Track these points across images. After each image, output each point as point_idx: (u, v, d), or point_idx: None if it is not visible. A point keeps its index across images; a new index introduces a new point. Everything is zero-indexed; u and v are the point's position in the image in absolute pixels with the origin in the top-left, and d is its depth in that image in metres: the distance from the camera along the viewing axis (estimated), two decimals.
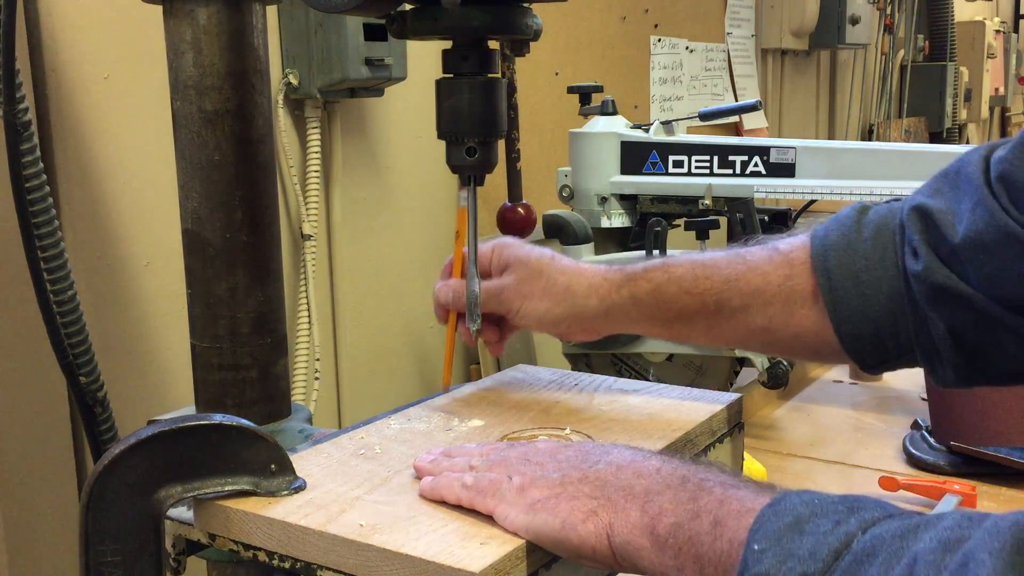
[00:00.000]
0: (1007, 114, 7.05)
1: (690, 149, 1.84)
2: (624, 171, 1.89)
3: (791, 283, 0.91)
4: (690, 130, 2.82)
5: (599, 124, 1.91)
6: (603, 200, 1.89)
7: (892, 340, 0.88)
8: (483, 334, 1.05)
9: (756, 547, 0.63)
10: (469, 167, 0.99)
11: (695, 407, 0.98)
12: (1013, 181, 0.79)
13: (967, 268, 0.81)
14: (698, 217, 1.78)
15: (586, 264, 1.02)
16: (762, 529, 0.63)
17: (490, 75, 0.97)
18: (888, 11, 4.66)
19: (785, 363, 1.67)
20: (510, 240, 1.05)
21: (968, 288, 0.81)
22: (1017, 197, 0.79)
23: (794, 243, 0.93)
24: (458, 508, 0.76)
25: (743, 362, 1.69)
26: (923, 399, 1.78)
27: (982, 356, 0.85)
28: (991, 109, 6.35)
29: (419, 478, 0.81)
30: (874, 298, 0.87)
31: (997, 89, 6.13)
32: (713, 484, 0.71)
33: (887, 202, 0.92)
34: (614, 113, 1.92)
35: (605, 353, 1.76)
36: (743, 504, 0.67)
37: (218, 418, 0.79)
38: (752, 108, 1.95)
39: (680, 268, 0.96)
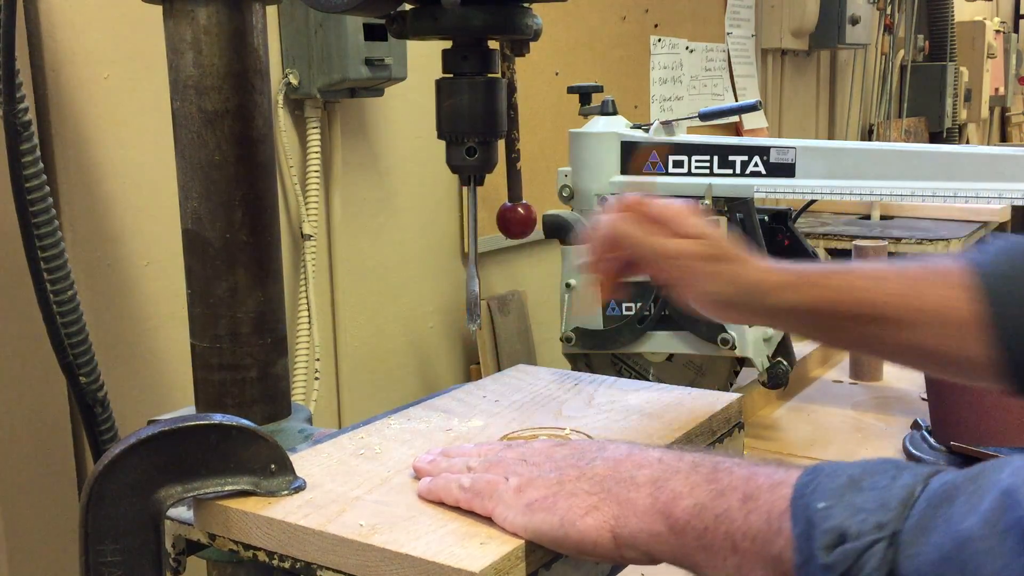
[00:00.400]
0: (1007, 114, 7.05)
1: (690, 149, 1.84)
2: (624, 171, 1.89)
3: (951, 304, 0.91)
4: (690, 130, 2.82)
5: (599, 124, 1.91)
6: (603, 200, 1.88)
7: None
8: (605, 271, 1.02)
9: (820, 505, 0.62)
10: (469, 167, 0.99)
11: (695, 407, 0.98)
12: None
13: None
14: None
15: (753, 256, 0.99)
16: (819, 488, 0.63)
17: (490, 75, 0.97)
18: (888, 11, 4.66)
19: (785, 363, 1.68)
20: (689, 210, 1.02)
21: None
22: None
23: (949, 265, 0.94)
24: (457, 508, 0.76)
25: (743, 362, 1.69)
26: (923, 399, 1.78)
27: None
28: (991, 109, 6.35)
29: (418, 478, 0.81)
30: None
31: (997, 89, 6.13)
32: (730, 464, 0.71)
33: None
34: (614, 113, 1.91)
35: (605, 353, 1.76)
36: (772, 478, 0.67)
37: (218, 418, 0.79)
38: (752, 108, 1.95)
39: (840, 274, 0.96)
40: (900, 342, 0.94)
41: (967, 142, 5.77)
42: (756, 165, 1.81)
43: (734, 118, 3.26)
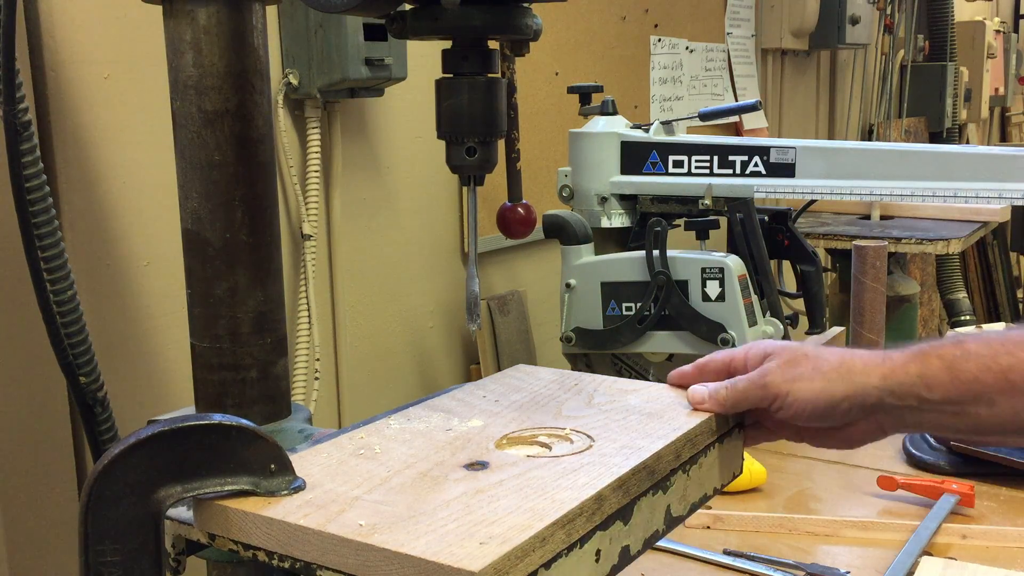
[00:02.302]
0: (1007, 114, 7.04)
1: (690, 149, 1.84)
2: (624, 171, 1.89)
3: None
4: (690, 130, 2.82)
5: (599, 124, 1.91)
6: (603, 200, 1.89)
7: None
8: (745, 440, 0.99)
9: None
10: (469, 167, 0.99)
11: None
12: None
13: None
14: (698, 217, 1.78)
15: (859, 350, 0.93)
16: None
17: (490, 75, 0.97)
18: (888, 11, 4.66)
19: None
20: (765, 341, 0.98)
21: None
22: None
23: None
24: (457, 508, 0.76)
25: None
26: None
27: None
28: (991, 109, 6.35)
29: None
30: None
31: (997, 89, 6.12)
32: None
33: None
34: (614, 113, 1.92)
35: (605, 353, 1.76)
36: None
37: (218, 418, 0.79)
38: (752, 108, 1.95)
39: (976, 343, 0.86)
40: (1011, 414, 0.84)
41: (967, 142, 5.77)
42: (756, 165, 1.81)
43: (734, 118, 3.26)
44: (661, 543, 1.25)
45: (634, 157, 1.87)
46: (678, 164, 1.85)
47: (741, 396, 0.93)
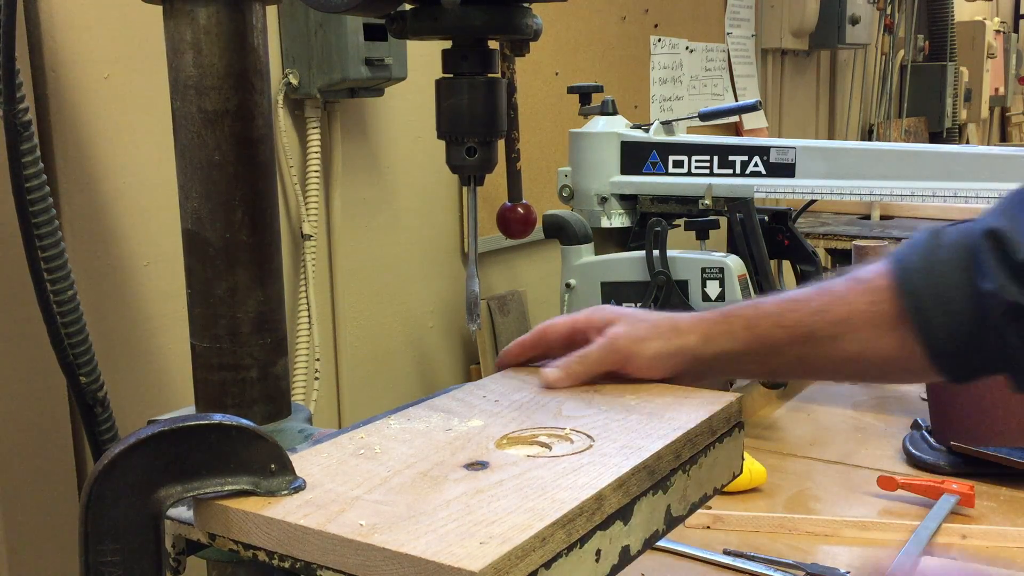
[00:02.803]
0: (1007, 114, 7.05)
1: (690, 149, 1.84)
2: (624, 171, 1.89)
3: (876, 308, 0.96)
4: (690, 130, 2.82)
5: (599, 124, 1.91)
6: (603, 200, 1.89)
7: (977, 355, 0.94)
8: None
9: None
10: (469, 167, 0.99)
11: (695, 407, 0.98)
12: None
13: None
14: (698, 217, 1.78)
15: (677, 313, 1.05)
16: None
17: (490, 75, 0.97)
18: (888, 11, 4.66)
19: None
20: (602, 305, 1.07)
21: None
22: None
23: (874, 269, 0.98)
24: (457, 508, 0.76)
25: None
26: (923, 399, 1.78)
27: None
28: (991, 109, 6.35)
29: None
30: (958, 316, 0.93)
31: (997, 89, 6.13)
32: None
33: (958, 223, 0.98)
34: (614, 113, 1.92)
35: None
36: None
37: (218, 418, 0.79)
38: (752, 108, 1.95)
39: (768, 304, 1.01)
40: (837, 355, 0.98)
41: (967, 142, 5.77)
42: (756, 165, 1.81)
43: (734, 118, 3.26)
44: (661, 543, 1.24)
45: (634, 157, 1.87)
46: (678, 164, 1.85)
47: (596, 366, 1.01)
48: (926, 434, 1.59)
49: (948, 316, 0.93)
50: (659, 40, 3.00)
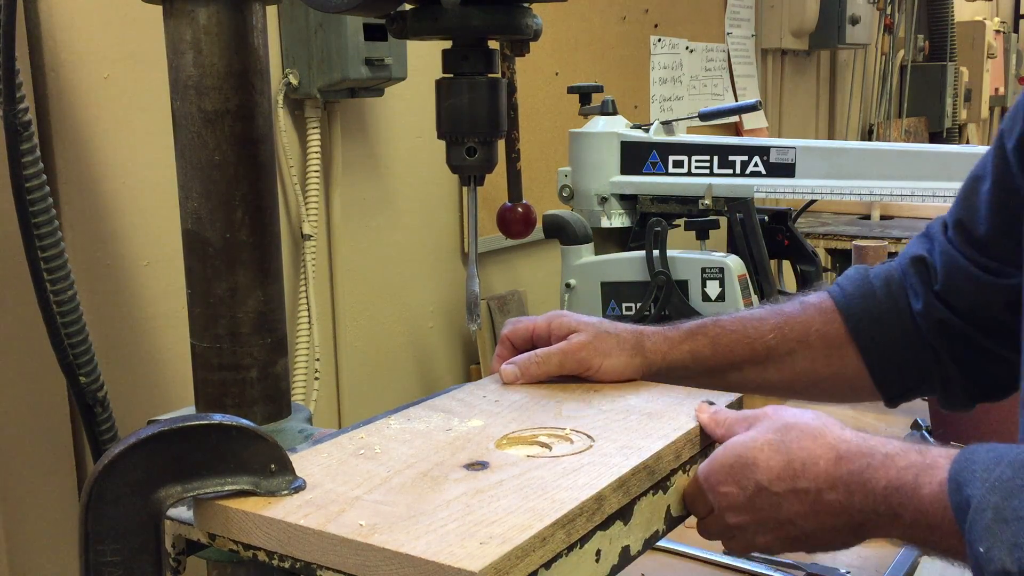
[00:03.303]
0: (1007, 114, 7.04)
1: (690, 149, 1.84)
2: (624, 171, 1.89)
3: (827, 328, 1.04)
4: (690, 130, 2.82)
5: (599, 124, 1.91)
6: (603, 200, 1.89)
7: (914, 372, 1.04)
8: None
9: (981, 548, 0.70)
10: (469, 167, 0.99)
11: (695, 407, 0.98)
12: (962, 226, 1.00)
13: (952, 302, 1.00)
14: (698, 217, 1.78)
15: (641, 326, 1.07)
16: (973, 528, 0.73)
17: (490, 75, 0.97)
18: (888, 11, 4.66)
19: None
20: (563, 311, 1.09)
21: (958, 320, 1.00)
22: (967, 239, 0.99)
23: (820, 296, 1.07)
24: (457, 508, 0.76)
25: None
26: (923, 399, 1.77)
27: (983, 377, 1.03)
28: (991, 109, 6.35)
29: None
30: (894, 337, 1.03)
31: (997, 89, 6.13)
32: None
33: (883, 264, 1.09)
34: (614, 113, 1.92)
35: None
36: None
37: (218, 418, 0.79)
38: (752, 108, 1.95)
39: (731, 323, 1.06)
40: (791, 371, 1.06)
41: (967, 142, 5.77)
42: (756, 165, 1.81)
43: (734, 118, 3.26)
44: (661, 543, 1.24)
45: (634, 157, 1.87)
46: (678, 164, 1.85)
47: (555, 369, 1.03)
48: (926, 434, 1.59)
49: (886, 337, 1.03)
50: (659, 40, 3.00)
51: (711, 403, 0.96)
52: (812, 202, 1.89)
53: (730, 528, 0.88)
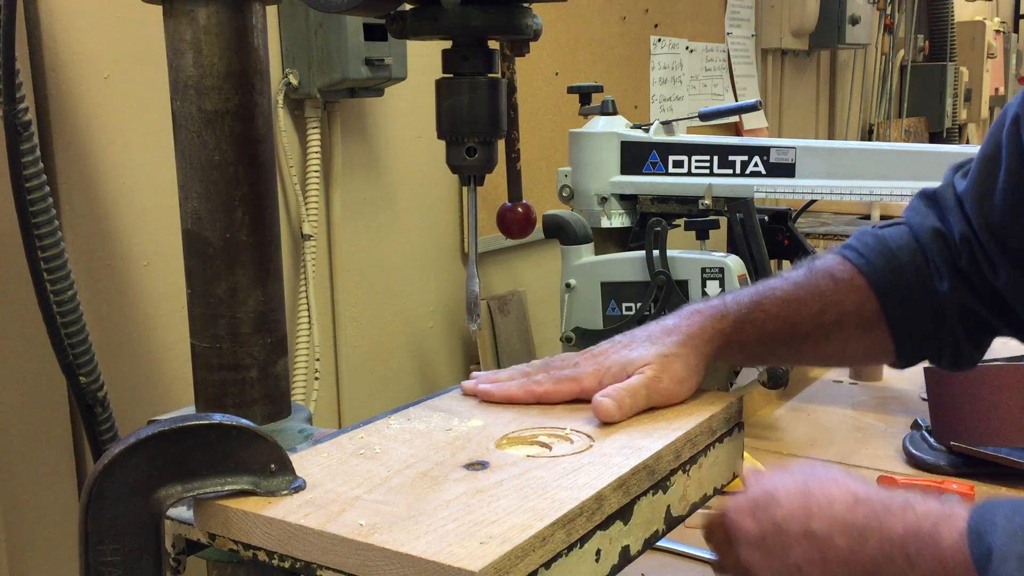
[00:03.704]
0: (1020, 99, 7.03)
1: (690, 149, 1.84)
2: (624, 171, 1.89)
3: (861, 308, 1.05)
4: (690, 130, 2.82)
5: (599, 124, 1.91)
6: (603, 200, 1.89)
7: (933, 345, 1.07)
8: None
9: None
10: (469, 167, 0.99)
11: (695, 407, 0.98)
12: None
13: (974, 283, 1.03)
14: (698, 217, 1.78)
15: (688, 325, 1.02)
16: None
17: (490, 75, 0.97)
18: (888, 11, 4.66)
19: None
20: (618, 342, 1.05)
21: (978, 301, 1.02)
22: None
23: (842, 268, 1.06)
24: (457, 508, 0.76)
25: None
26: (923, 399, 1.78)
27: (986, 348, 1.08)
28: (991, 109, 6.35)
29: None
30: (923, 317, 1.05)
31: (997, 89, 6.13)
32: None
33: (888, 226, 1.09)
34: (614, 113, 1.92)
35: None
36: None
37: (218, 418, 0.79)
38: (752, 108, 1.95)
39: (771, 306, 1.05)
40: (825, 351, 1.08)
41: (967, 142, 5.77)
42: (756, 165, 1.81)
43: (734, 118, 3.26)
44: (661, 543, 1.24)
45: (634, 157, 1.87)
46: (678, 164, 1.85)
47: (643, 403, 0.97)
48: (926, 434, 1.59)
49: (916, 316, 1.04)
50: (659, 40, 3.00)
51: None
52: (812, 202, 1.89)
53: (742, 566, 0.89)
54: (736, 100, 3.45)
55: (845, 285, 1.05)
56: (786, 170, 1.79)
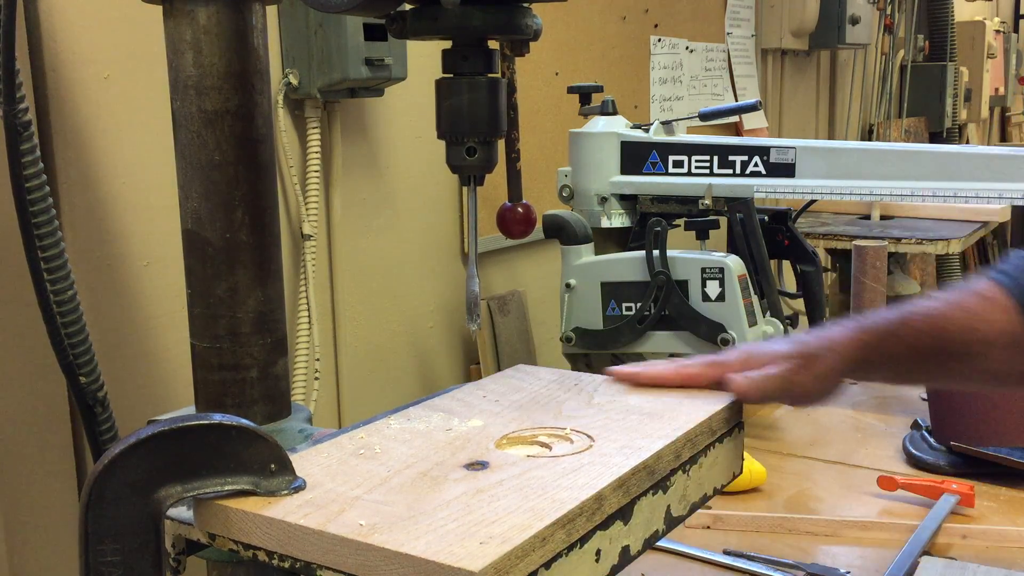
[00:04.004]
0: (1007, 114, 7.05)
1: (690, 149, 1.84)
2: (624, 171, 1.89)
3: (1010, 328, 1.03)
4: (690, 130, 2.82)
5: (599, 124, 1.91)
6: (603, 200, 1.89)
7: None
8: None
9: None
10: (469, 167, 0.99)
11: (695, 407, 0.98)
12: None
13: None
14: (698, 217, 1.78)
15: (837, 331, 1.05)
16: None
17: (490, 75, 0.97)
18: (888, 11, 4.66)
19: None
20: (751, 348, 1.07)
21: None
22: None
23: (990, 288, 1.06)
24: (457, 508, 0.76)
25: None
26: (923, 399, 1.78)
27: None
28: (991, 109, 6.35)
29: None
30: None
31: (997, 89, 6.13)
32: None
33: None
34: (614, 113, 1.92)
35: (605, 353, 1.76)
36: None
37: (218, 418, 0.79)
38: (752, 108, 1.95)
39: (919, 321, 1.04)
40: (973, 371, 1.06)
41: (967, 142, 5.77)
42: (756, 165, 1.81)
43: (734, 118, 3.26)
44: (661, 543, 1.24)
45: (634, 157, 1.87)
46: (678, 164, 1.85)
47: (778, 392, 1.01)
48: (926, 434, 1.59)
49: None
50: (659, 40, 3.00)
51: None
52: (812, 202, 1.89)
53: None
54: (736, 100, 3.45)
55: (992, 304, 1.04)
56: (786, 170, 1.79)
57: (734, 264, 1.65)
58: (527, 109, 2.32)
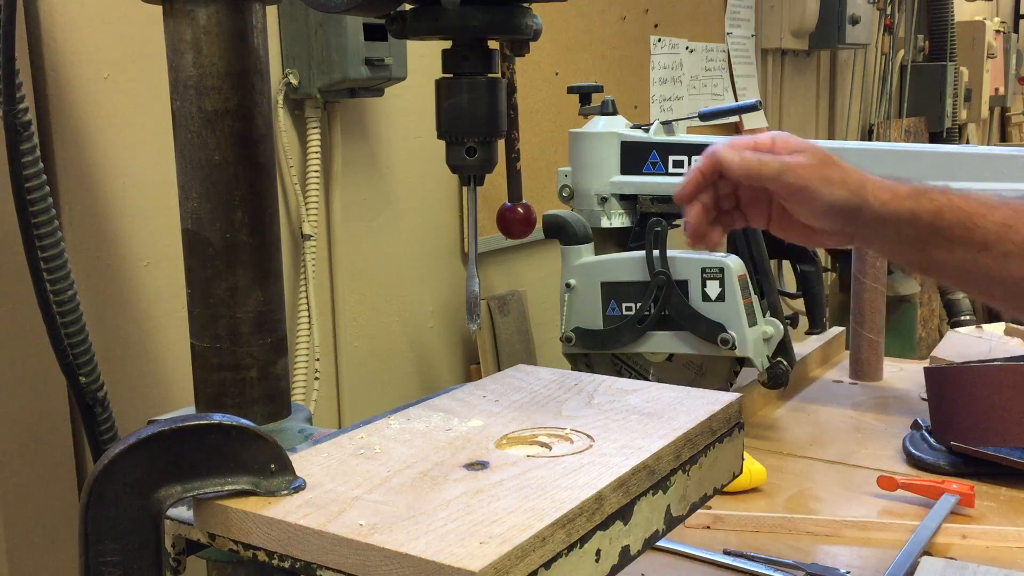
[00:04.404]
0: (1007, 114, 7.04)
1: (690, 149, 1.84)
2: (624, 171, 1.89)
3: None
4: (690, 130, 2.82)
5: (599, 124, 1.91)
6: (603, 200, 1.89)
7: None
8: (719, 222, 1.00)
9: None
10: (469, 167, 0.99)
11: (695, 407, 0.98)
12: None
13: None
14: None
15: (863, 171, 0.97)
16: None
17: (490, 75, 0.97)
18: (888, 11, 4.66)
19: (785, 363, 1.67)
20: (789, 134, 1.00)
21: None
22: None
23: None
24: (457, 508, 0.76)
25: (743, 362, 1.69)
26: (923, 399, 1.78)
27: None
28: (991, 109, 6.35)
29: None
30: None
31: (997, 89, 6.13)
32: None
33: None
34: (614, 113, 1.91)
35: (605, 353, 1.76)
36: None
37: (218, 418, 0.79)
38: (752, 108, 1.95)
39: (960, 199, 0.95)
40: (999, 273, 0.94)
41: (967, 142, 5.77)
42: None
43: (734, 118, 3.26)
44: (661, 543, 1.25)
45: (634, 157, 1.87)
46: (678, 164, 1.85)
47: (767, 181, 0.94)
48: (926, 434, 1.59)
49: None
50: (659, 40, 3.00)
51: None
52: None
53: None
54: (736, 100, 3.45)
55: None
56: None
57: (734, 264, 1.65)
58: (527, 109, 2.32)
